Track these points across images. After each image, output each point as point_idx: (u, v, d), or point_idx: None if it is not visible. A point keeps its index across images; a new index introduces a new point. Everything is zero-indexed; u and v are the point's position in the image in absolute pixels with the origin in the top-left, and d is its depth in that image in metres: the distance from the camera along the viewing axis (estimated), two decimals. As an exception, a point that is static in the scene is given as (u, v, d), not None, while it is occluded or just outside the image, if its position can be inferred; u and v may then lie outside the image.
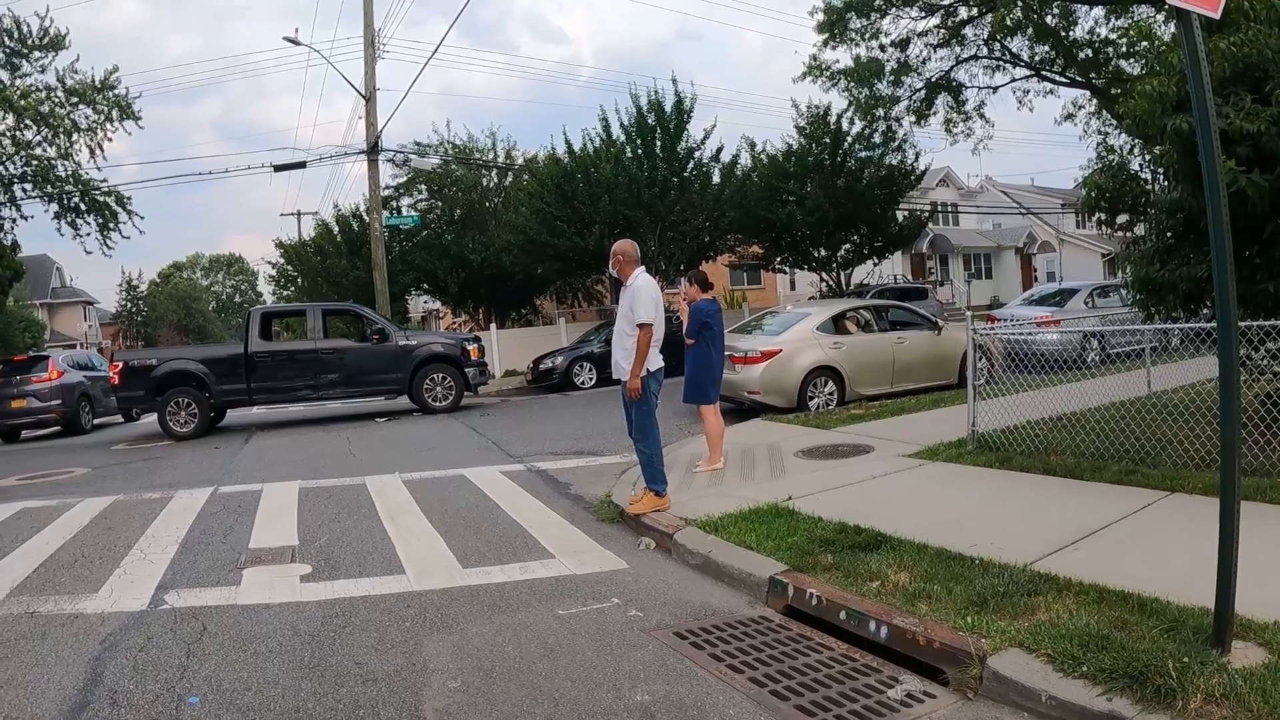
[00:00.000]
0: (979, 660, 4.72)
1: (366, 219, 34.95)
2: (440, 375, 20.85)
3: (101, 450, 19.16)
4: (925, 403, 14.49)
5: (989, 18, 27.97)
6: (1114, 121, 24.91)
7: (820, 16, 30.49)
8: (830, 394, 15.44)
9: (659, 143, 30.58)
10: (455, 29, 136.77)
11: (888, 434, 11.88)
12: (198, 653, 6.00)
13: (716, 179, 32.36)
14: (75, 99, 30.59)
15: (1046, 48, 29.90)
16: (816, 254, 35.05)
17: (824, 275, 36.08)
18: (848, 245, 34.88)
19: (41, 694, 5.48)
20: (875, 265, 38.08)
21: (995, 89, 32.50)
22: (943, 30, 30.55)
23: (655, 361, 8.81)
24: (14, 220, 32.51)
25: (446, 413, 20.47)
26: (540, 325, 39.88)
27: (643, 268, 9.05)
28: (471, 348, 21.40)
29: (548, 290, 41.36)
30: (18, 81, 29.78)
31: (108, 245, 32.96)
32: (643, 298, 8.62)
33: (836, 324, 16.16)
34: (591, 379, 25.77)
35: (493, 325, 36.69)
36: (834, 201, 31.54)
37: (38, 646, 6.35)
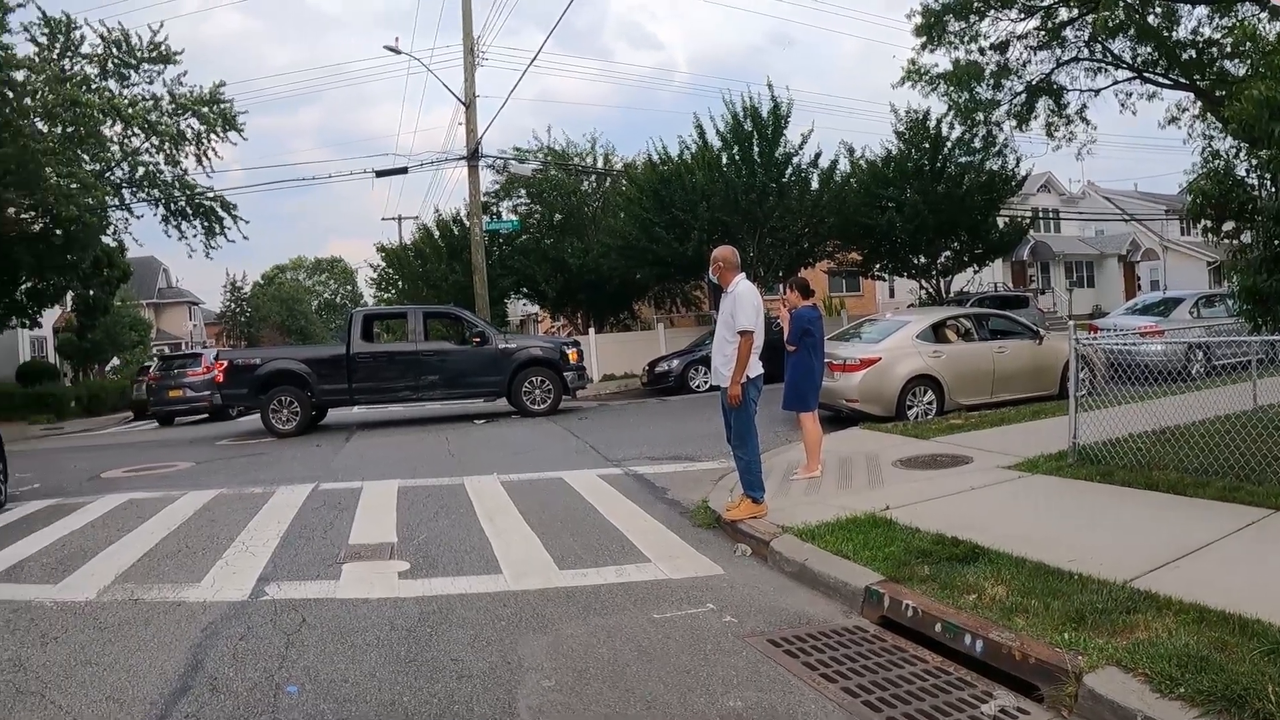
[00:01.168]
0: (1075, 678, 4.66)
1: (466, 224, 35.31)
2: (539, 379, 20.95)
3: (206, 445, 19.74)
4: (1025, 414, 14.19)
5: (1090, 18, 27.47)
6: (1219, 125, 24.29)
7: (918, 19, 30.15)
8: (929, 403, 15.27)
9: (756, 148, 30.42)
10: (550, 37, 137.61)
11: (987, 445, 11.72)
12: (297, 643, 6.15)
13: (815, 185, 32.07)
14: (182, 110, 31.74)
15: (1149, 49, 29.29)
16: (916, 261, 34.74)
17: (923, 283, 35.74)
18: (947, 252, 34.49)
19: (143, 678, 5.66)
20: (975, 273, 37.52)
21: (1097, 92, 31.92)
22: (1042, 32, 30.03)
23: (755, 368, 8.82)
24: (126, 220, 33.72)
25: (544, 416, 20.56)
26: (639, 330, 39.97)
27: (743, 274, 9.08)
28: (570, 352, 21.49)
29: (646, 295, 41.33)
30: (125, 91, 30.91)
31: (211, 247, 34.26)
32: (744, 305, 8.63)
33: (936, 332, 15.99)
34: (706, 382, 25.63)
35: (591, 330, 36.88)
36: (933, 208, 31.23)
37: (141, 632, 6.56)
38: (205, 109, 31.91)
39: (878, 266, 36.09)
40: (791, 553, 7.41)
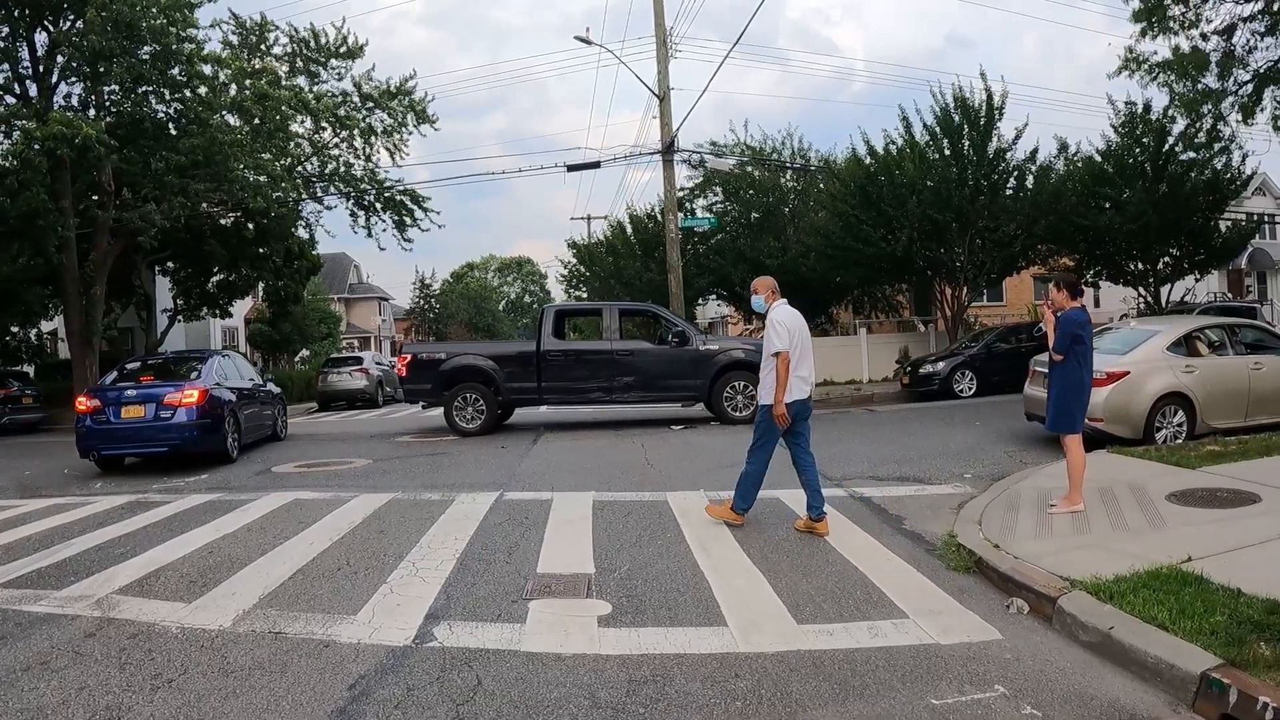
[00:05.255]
0: None
1: (661, 219, 34.59)
2: (742, 383, 19.64)
3: (383, 441, 19.47)
4: (1290, 441, 12.37)
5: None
6: None
7: (1136, 4, 27.91)
8: (1179, 425, 13.59)
9: (966, 142, 28.96)
10: (728, 36, 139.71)
11: (1267, 479, 9.92)
12: (468, 718, 4.88)
13: (1029, 182, 30.48)
14: (370, 104, 32.72)
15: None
16: (1133, 267, 32.48)
17: (1140, 290, 33.46)
18: (1165, 258, 32.10)
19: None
20: (1197, 280, 34.88)
21: (1331, 81, 28.99)
22: (1267, 15, 27.40)
23: (795, 393, 9.01)
24: (318, 214, 34.96)
25: (747, 424, 18.92)
26: (837, 335, 38.39)
27: (782, 300, 9.35)
28: (776, 356, 20.00)
29: (844, 300, 39.87)
30: (315, 87, 31.98)
31: (405, 240, 34.98)
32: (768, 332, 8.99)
33: (1188, 344, 14.25)
34: (972, 387, 24.30)
35: (788, 334, 35.43)
36: (1157, 208, 28.95)
37: (273, 683, 5.46)
38: (393, 102, 32.71)
39: (1091, 273, 33.74)
40: (1090, 617, 5.92)
